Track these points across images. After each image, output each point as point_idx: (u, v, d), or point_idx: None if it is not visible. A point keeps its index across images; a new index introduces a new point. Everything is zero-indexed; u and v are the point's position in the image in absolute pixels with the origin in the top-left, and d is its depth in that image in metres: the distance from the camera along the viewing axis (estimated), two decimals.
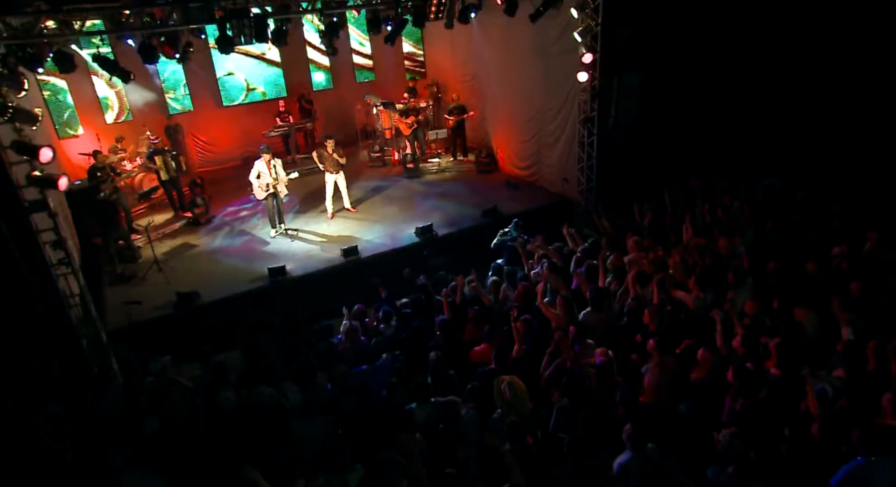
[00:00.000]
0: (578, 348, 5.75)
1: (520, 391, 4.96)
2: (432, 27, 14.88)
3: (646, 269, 6.97)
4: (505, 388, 4.91)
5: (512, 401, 4.87)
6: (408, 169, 12.85)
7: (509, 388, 4.90)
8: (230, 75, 14.03)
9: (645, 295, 6.38)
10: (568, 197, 10.95)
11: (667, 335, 5.61)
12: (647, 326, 5.88)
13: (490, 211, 10.45)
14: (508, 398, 4.88)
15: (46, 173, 6.12)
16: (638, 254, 7.31)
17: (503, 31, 11.39)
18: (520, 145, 12.15)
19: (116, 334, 7.67)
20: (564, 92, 10.39)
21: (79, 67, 11.81)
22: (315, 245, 9.88)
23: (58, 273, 6.79)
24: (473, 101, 13.29)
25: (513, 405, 4.88)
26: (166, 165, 10.94)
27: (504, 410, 4.88)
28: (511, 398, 4.87)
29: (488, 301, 6.73)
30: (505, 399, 4.89)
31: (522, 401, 4.95)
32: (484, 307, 6.50)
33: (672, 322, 5.93)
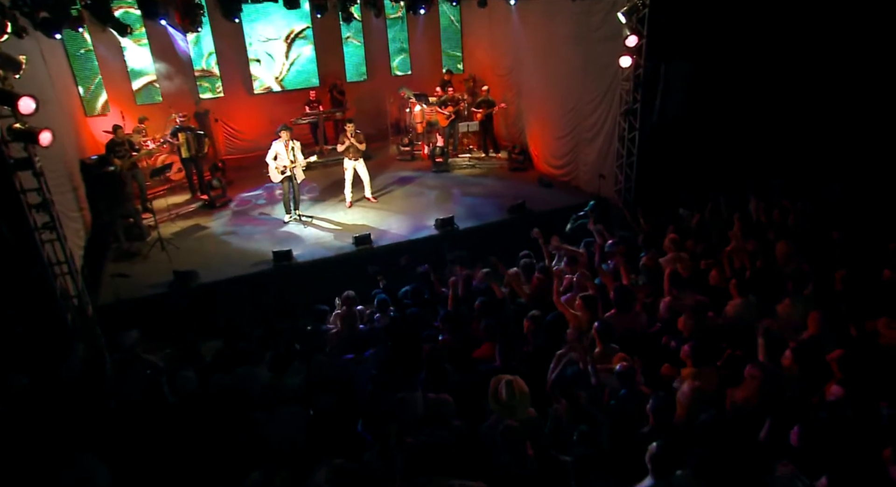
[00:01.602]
0: (598, 351, 4.95)
1: (520, 393, 4.18)
2: (471, 21, 14.48)
3: (682, 270, 6.12)
4: (502, 388, 4.13)
5: (509, 404, 4.09)
6: (436, 163, 12.22)
7: (507, 388, 4.12)
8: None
9: (680, 298, 5.52)
10: (603, 196, 10.08)
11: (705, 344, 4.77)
12: (680, 333, 5.03)
13: (517, 207, 9.69)
14: (504, 399, 4.10)
15: (28, 126, 5.70)
16: (675, 254, 6.44)
17: (543, 18, 10.72)
18: (555, 142, 11.36)
19: (106, 309, 7.23)
20: (606, 81, 9.59)
21: (111, 44, 12.01)
22: (328, 232, 9.35)
23: (43, 239, 6.39)
24: (510, 96, 12.60)
25: (510, 408, 4.10)
26: (188, 143, 10.62)
27: (499, 413, 4.11)
28: (508, 401, 4.09)
29: (500, 294, 5.97)
30: (500, 401, 4.11)
31: (522, 405, 4.16)
32: (492, 300, 5.74)
33: (710, 330, 5.05)
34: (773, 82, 9.26)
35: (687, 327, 4.98)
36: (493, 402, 4.20)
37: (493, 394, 4.20)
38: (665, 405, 4.01)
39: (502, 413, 4.09)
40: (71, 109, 10.56)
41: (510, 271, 6.13)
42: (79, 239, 8.25)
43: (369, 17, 14.07)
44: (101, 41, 11.74)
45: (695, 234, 6.85)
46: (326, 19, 13.54)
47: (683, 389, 4.07)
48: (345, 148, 9.97)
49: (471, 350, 5.30)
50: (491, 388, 4.23)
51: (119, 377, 4.92)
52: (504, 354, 4.73)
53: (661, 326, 5.40)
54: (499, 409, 4.14)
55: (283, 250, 8.24)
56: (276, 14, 13.41)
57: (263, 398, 4.34)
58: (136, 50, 12.35)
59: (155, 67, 12.47)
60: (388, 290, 6.38)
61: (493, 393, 4.21)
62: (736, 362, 4.69)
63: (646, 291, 5.93)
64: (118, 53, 12.12)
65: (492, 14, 12.94)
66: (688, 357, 4.54)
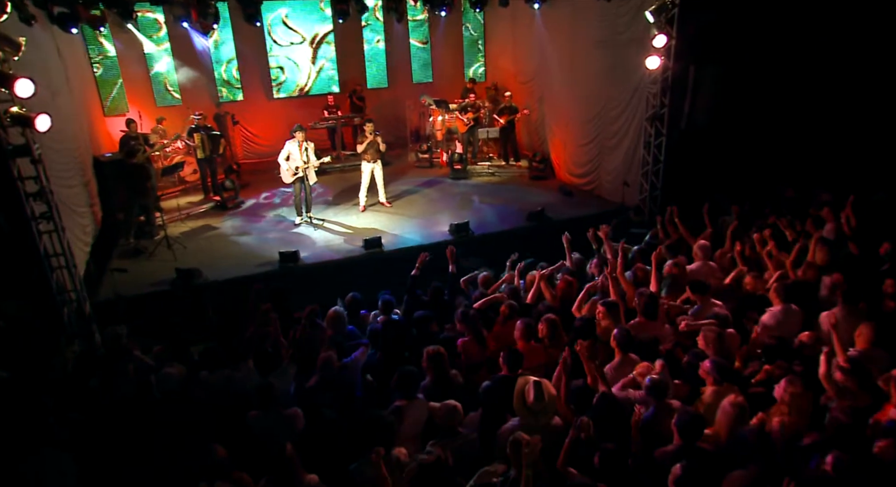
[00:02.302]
0: (616, 361, 4.49)
1: (549, 397, 3.74)
2: (494, 28, 14.25)
3: (714, 278, 5.65)
4: (529, 389, 3.70)
5: (536, 407, 3.65)
6: (455, 170, 11.90)
7: (536, 390, 3.69)
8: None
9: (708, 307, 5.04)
10: (627, 206, 9.61)
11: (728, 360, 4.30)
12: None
13: (536, 214, 9.28)
14: (532, 402, 3.66)
15: (25, 110, 5.50)
16: (705, 262, 5.95)
17: (568, 21, 10.42)
18: (577, 150, 10.96)
19: (104, 306, 6.99)
20: (632, 85, 9.19)
21: (132, 45, 12.03)
22: (338, 235, 9.05)
23: (41, 230, 6.19)
24: (532, 103, 12.26)
25: (538, 412, 3.67)
26: (203, 144, 10.47)
27: (524, 417, 3.67)
28: (535, 404, 3.66)
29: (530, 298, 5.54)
30: (528, 405, 3.67)
31: (549, 411, 3.73)
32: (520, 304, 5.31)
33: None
34: (811, 87, 8.73)
35: (707, 340, 4.48)
36: (517, 404, 3.77)
37: (519, 396, 3.77)
38: (694, 422, 3.53)
39: (528, 417, 3.66)
40: (88, 106, 10.50)
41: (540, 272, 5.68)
42: (84, 235, 8.07)
43: (391, 24, 13.98)
44: (122, 42, 11.76)
45: (730, 241, 6.33)
46: (348, 25, 13.48)
47: (724, 406, 3.58)
48: (364, 147, 9.70)
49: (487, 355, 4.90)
50: (517, 389, 3.81)
51: (103, 372, 4.59)
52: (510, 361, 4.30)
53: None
54: (525, 413, 3.71)
55: (290, 251, 7.94)
56: (300, 18, 13.35)
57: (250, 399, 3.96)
58: (158, 52, 12.35)
59: (176, 69, 12.44)
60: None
61: (518, 395, 3.78)
62: (772, 379, 4.20)
63: (670, 300, 5.45)
64: (140, 55, 12.13)
65: (515, 20, 12.74)
66: (708, 374, 4.06)
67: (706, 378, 4.01)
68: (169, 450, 3.75)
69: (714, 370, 3.96)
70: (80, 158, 8.64)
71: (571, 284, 5.49)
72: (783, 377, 3.88)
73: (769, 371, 4.34)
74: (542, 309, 5.18)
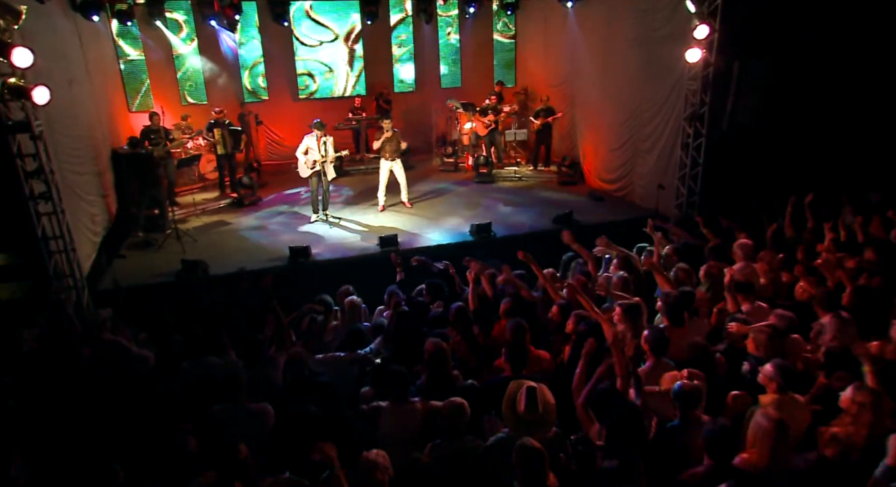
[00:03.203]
0: (648, 366, 3.91)
1: (545, 404, 3.21)
2: (526, 31, 13.86)
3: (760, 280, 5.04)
4: (522, 396, 3.18)
5: (529, 417, 3.13)
6: (480, 174, 11.45)
7: (529, 397, 3.17)
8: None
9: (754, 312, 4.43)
10: (661, 212, 8.97)
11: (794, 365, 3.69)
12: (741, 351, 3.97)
13: (563, 217, 8.74)
14: (524, 411, 3.14)
15: (22, 82, 5.26)
16: (748, 263, 5.33)
17: (602, 19, 9.98)
18: (609, 154, 10.41)
19: (105, 295, 6.70)
20: (668, 84, 8.64)
21: (160, 42, 12.02)
22: (353, 233, 8.69)
23: (40, 211, 5.93)
24: (564, 106, 11.78)
25: (530, 423, 3.13)
26: (224, 140, 10.28)
27: (513, 429, 3.15)
28: (528, 412, 3.13)
29: (531, 297, 5.02)
30: (517, 413, 3.15)
31: (545, 420, 3.19)
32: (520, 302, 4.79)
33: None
34: (864, 84, 8.03)
35: (759, 343, 3.87)
36: (507, 414, 3.25)
37: (509, 403, 3.25)
38: (727, 438, 2.95)
39: (518, 429, 3.13)
40: (111, 100, 10.40)
41: (545, 272, 5.19)
42: (94, 224, 7.84)
43: (420, 27, 13.76)
44: (150, 38, 11.75)
45: (773, 244, 5.71)
46: (377, 26, 13.30)
47: (759, 420, 2.97)
48: (380, 143, 9.35)
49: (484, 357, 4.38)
50: (507, 395, 3.28)
51: (76, 353, 4.22)
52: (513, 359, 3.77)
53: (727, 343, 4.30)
54: (515, 423, 3.18)
55: (301, 247, 7.57)
56: (327, 11, 13.16)
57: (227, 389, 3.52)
58: (185, 51, 12.31)
59: (202, 67, 12.39)
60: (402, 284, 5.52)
61: (508, 402, 3.26)
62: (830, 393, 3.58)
63: (707, 303, 4.86)
64: (167, 53, 12.10)
65: (548, 21, 12.36)
66: (771, 380, 3.46)
67: (767, 385, 3.41)
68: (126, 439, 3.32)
69: (778, 375, 3.36)
70: (96, 148, 8.47)
71: (586, 285, 4.94)
72: (848, 386, 3.27)
73: (826, 384, 3.72)
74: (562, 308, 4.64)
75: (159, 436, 3.18)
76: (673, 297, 4.36)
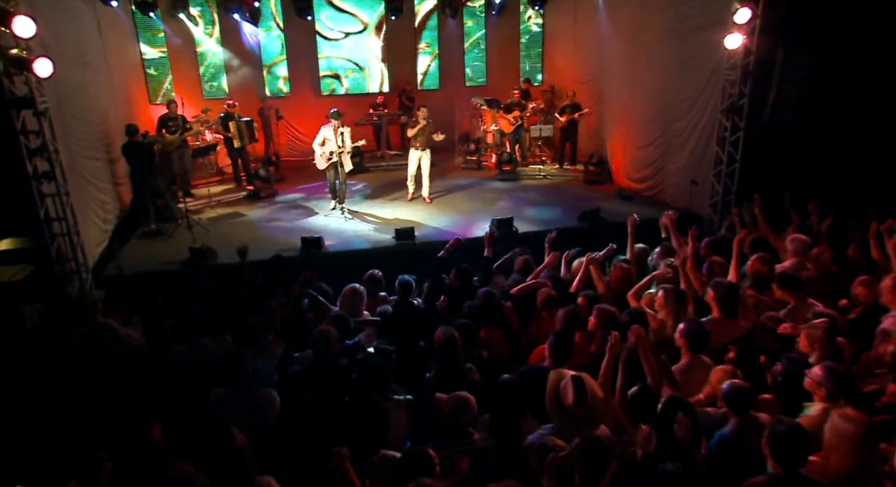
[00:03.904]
0: (683, 362, 3.47)
1: (593, 397, 2.80)
2: (554, 26, 13.45)
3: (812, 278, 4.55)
4: (567, 387, 2.78)
5: (579, 410, 2.72)
6: (503, 171, 11.07)
7: (576, 388, 2.76)
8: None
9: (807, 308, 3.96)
10: (694, 212, 8.47)
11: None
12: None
13: (589, 214, 8.30)
14: (571, 404, 2.74)
15: (24, 53, 5.05)
16: (800, 260, 4.84)
17: (635, 10, 9.54)
18: (637, 152, 9.95)
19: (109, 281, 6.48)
20: (704, 76, 8.15)
21: (184, 36, 11.95)
22: (370, 226, 8.40)
23: (43, 192, 5.72)
24: (592, 103, 11.34)
25: (579, 418, 2.73)
26: (240, 132, 10.09)
27: (559, 422, 2.75)
28: (577, 404, 2.73)
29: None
30: (564, 407, 2.75)
31: (594, 415, 2.79)
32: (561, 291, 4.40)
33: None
34: None
35: (812, 340, 3.41)
36: (551, 406, 2.85)
37: (554, 395, 2.85)
38: (799, 440, 2.50)
39: (565, 424, 2.73)
40: (130, 90, 10.29)
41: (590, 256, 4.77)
42: (103, 212, 7.68)
43: (445, 23, 13.48)
44: (174, 31, 11.68)
45: (826, 240, 5.20)
46: (401, 22, 13.07)
47: (839, 423, 2.51)
48: (415, 131, 9.15)
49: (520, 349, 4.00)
50: (549, 385, 2.89)
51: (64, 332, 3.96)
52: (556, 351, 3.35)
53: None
54: (560, 418, 2.78)
55: (313, 237, 7.29)
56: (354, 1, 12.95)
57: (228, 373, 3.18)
58: (208, 44, 12.22)
59: (224, 62, 12.28)
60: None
61: (551, 394, 2.86)
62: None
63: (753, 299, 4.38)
64: (190, 46, 12.02)
65: (577, 16, 11.97)
66: (819, 386, 2.99)
67: (814, 392, 2.95)
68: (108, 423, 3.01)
69: (829, 380, 2.89)
70: (109, 135, 8.32)
71: (629, 273, 4.52)
72: None
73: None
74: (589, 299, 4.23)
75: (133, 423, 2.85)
76: (726, 286, 3.90)
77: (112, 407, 3.16)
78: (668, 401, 2.85)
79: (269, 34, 12.67)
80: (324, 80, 13.31)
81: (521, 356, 4.04)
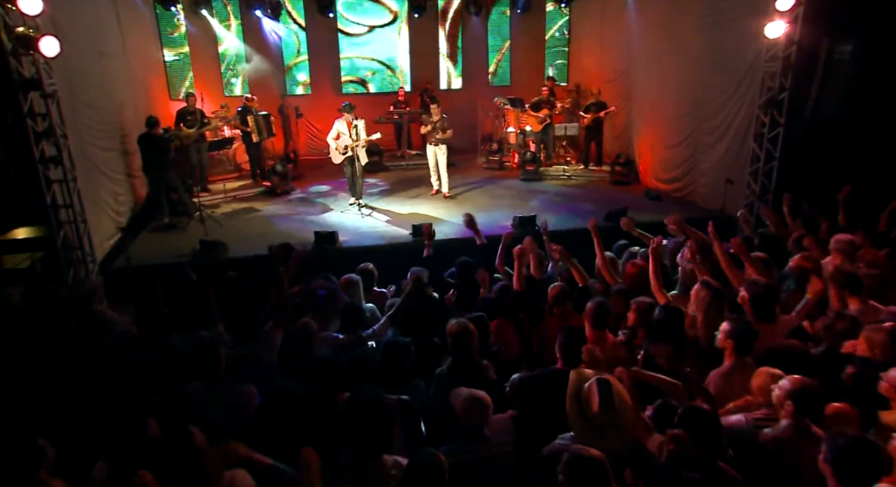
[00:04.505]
0: (728, 365, 3.09)
1: (621, 402, 2.45)
2: (580, 24, 13.09)
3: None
4: (592, 390, 2.43)
5: (604, 418, 2.38)
6: (526, 171, 10.72)
7: (603, 391, 2.42)
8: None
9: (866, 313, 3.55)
10: (728, 214, 8.00)
11: None
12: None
13: (617, 213, 7.87)
14: (597, 410, 2.39)
15: (31, 31, 4.89)
16: (848, 257, 4.40)
17: (666, 4, 9.15)
18: (667, 152, 9.53)
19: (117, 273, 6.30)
20: (740, 70, 7.72)
21: (206, 33, 11.89)
22: (387, 222, 8.13)
23: (50, 178, 5.55)
24: (619, 102, 10.95)
25: (603, 427, 2.38)
26: (258, 127, 9.94)
27: (582, 433, 2.40)
28: (603, 412, 2.38)
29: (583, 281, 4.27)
30: (590, 413, 2.41)
31: (622, 423, 2.43)
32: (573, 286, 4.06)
33: None
34: None
35: (875, 343, 3.01)
36: (572, 412, 2.50)
37: (575, 399, 2.50)
38: (869, 457, 2.12)
39: (587, 434, 2.38)
40: (149, 84, 10.19)
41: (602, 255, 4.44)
42: (116, 203, 7.53)
43: (469, 22, 13.24)
44: (196, 27, 11.62)
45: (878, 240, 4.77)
46: (423, 21, 12.86)
47: None
48: (428, 129, 8.99)
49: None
50: (570, 388, 2.54)
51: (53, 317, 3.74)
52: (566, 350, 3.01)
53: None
54: (583, 426, 2.43)
55: (327, 232, 7.03)
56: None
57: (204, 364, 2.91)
58: (230, 41, 12.15)
59: (246, 59, 12.19)
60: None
61: (573, 397, 2.51)
62: None
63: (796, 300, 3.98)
64: (212, 43, 11.95)
65: (604, 13, 11.62)
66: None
67: (893, 397, 2.55)
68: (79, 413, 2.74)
69: None
70: (125, 127, 8.20)
71: (644, 270, 4.14)
72: None
73: None
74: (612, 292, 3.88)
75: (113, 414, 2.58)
76: (763, 286, 3.50)
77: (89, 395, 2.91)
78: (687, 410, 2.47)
79: (289, 32, 12.56)
80: (346, 85, 13.14)
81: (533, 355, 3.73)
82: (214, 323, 3.57)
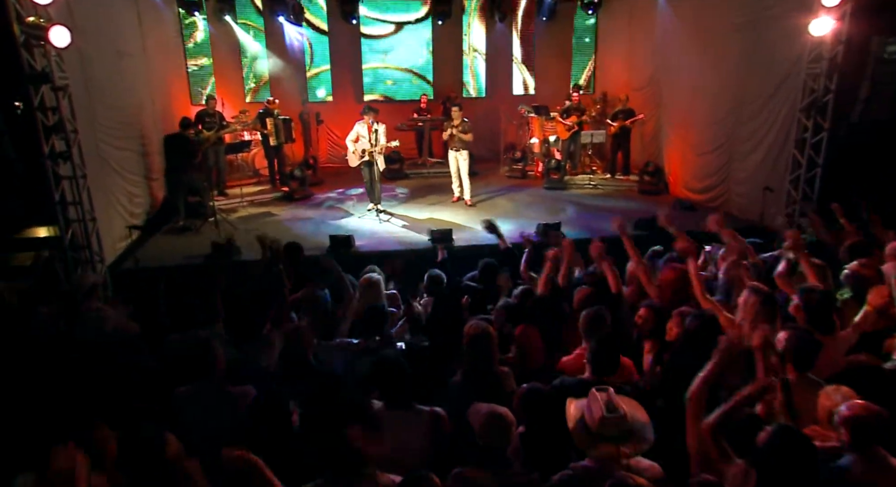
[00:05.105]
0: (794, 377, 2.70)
1: (633, 421, 2.09)
2: (608, 30, 12.75)
3: None
4: (599, 405, 2.08)
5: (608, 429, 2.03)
6: (550, 179, 10.37)
7: (609, 410, 2.06)
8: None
9: None
10: (766, 224, 7.55)
11: None
12: None
13: (647, 222, 7.49)
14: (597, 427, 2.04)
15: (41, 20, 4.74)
16: None
17: (700, 4, 8.82)
18: (699, 159, 9.12)
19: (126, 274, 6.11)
20: (780, 72, 7.33)
21: (229, 39, 11.87)
22: (405, 228, 7.87)
23: (59, 174, 5.38)
24: (648, 110, 10.60)
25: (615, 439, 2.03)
26: (277, 130, 9.79)
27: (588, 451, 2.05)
28: (603, 429, 2.03)
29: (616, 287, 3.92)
30: (590, 429, 2.06)
31: (634, 446, 2.07)
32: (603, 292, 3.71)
33: None
34: None
35: None
36: (576, 432, 2.15)
37: (578, 422, 2.16)
38: None
39: (591, 452, 2.03)
40: (169, 86, 10.12)
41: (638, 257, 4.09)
42: (130, 204, 7.37)
43: (493, 29, 13.03)
44: (219, 32, 11.60)
45: None
46: (447, 27, 12.68)
47: None
48: (449, 133, 8.78)
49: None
50: (570, 417, 2.20)
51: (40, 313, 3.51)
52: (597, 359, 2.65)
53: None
54: (588, 445, 2.08)
55: (343, 236, 6.78)
56: None
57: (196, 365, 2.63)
58: (253, 47, 12.11)
59: (269, 65, 12.13)
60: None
61: (575, 421, 2.16)
62: None
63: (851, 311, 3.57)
64: (234, 48, 11.92)
65: (632, 19, 11.32)
66: None
67: None
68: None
69: None
70: (143, 128, 8.09)
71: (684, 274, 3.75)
72: None
73: None
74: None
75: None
76: (820, 293, 3.11)
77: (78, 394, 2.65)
78: (776, 431, 2.08)
79: (312, 39, 12.50)
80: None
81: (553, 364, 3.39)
82: (214, 321, 3.30)
